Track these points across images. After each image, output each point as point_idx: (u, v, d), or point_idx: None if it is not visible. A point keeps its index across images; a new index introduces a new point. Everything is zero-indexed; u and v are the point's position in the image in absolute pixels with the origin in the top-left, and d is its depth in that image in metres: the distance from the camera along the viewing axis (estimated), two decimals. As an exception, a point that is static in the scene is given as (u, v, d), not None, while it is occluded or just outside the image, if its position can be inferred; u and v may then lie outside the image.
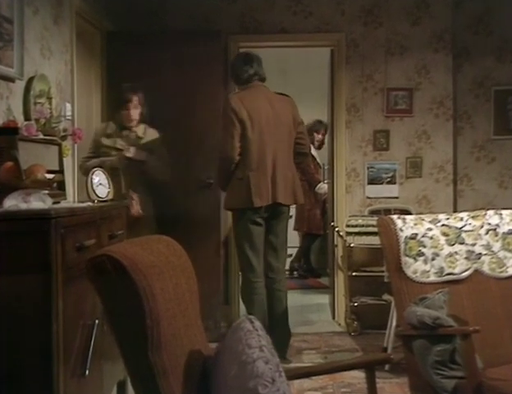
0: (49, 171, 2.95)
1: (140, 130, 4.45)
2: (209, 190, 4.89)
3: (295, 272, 7.56)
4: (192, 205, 4.85)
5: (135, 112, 4.41)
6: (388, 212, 5.12)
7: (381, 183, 5.36)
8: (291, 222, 7.47)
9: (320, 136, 7.39)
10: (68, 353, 2.33)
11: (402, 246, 3.03)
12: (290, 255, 7.63)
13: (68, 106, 3.99)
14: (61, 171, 3.26)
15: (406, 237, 3.05)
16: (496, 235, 3.16)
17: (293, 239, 7.65)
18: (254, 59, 4.36)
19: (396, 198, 5.38)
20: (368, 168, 5.37)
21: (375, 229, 3.41)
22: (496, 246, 3.13)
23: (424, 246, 3.05)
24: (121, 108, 4.41)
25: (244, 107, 4.19)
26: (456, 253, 3.07)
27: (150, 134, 4.48)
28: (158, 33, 5.13)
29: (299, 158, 4.47)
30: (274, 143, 4.24)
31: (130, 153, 4.34)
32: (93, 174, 3.30)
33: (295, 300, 6.38)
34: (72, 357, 2.40)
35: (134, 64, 4.91)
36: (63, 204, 2.93)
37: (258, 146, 4.19)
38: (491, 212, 3.24)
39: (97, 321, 2.62)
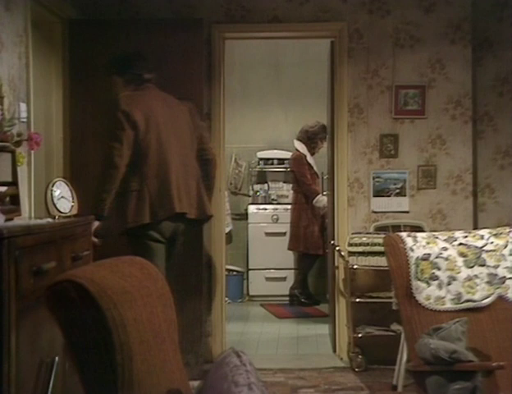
0: (1, 183, 2.95)
1: None
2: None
3: (295, 300, 7.50)
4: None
5: None
6: (397, 228, 5.14)
7: (389, 195, 5.38)
8: (285, 240, 7.51)
9: (325, 145, 7.24)
10: (23, 396, 2.32)
11: (413, 268, 3.05)
12: (284, 278, 7.63)
13: (23, 106, 3.99)
14: (14, 183, 3.25)
15: (417, 258, 3.06)
16: (523, 255, 3.18)
17: (287, 259, 7.66)
18: (145, 59, 4.39)
19: (406, 212, 5.40)
20: (373, 178, 5.39)
21: (381, 248, 3.42)
22: (523, 269, 3.16)
23: (438, 268, 3.07)
24: None
25: (138, 108, 4.16)
26: (476, 276, 3.09)
27: None
28: (129, 21, 5.14)
29: (204, 166, 4.45)
30: (174, 148, 4.24)
31: None
32: (53, 185, 3.30)
33: (290, 330, 6.38)
34: (28, 401, 2.39)
35: (101, 58, 4.91)
36: (17, 221, 2.92)
37: (156, 151, 4.16)
38: (516, 229, 3.27)
39: (57, 358, 2.61)
